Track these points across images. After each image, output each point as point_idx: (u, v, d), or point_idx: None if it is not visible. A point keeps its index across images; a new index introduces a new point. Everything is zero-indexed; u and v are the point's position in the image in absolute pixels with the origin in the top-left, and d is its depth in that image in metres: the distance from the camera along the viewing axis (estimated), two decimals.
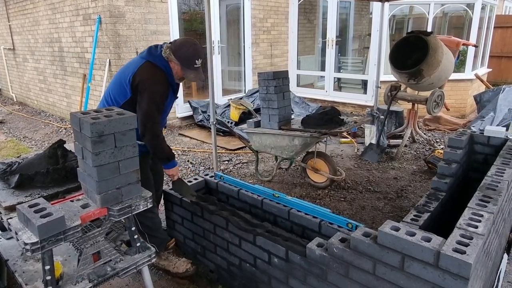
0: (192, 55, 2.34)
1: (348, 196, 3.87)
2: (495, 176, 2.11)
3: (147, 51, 2.39)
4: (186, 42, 2.38)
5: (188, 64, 2.35)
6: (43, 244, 1.56)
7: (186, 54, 2.33)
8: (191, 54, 2.34)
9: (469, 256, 1.34)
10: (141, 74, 2.28)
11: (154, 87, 2.28)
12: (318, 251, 1.80)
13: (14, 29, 8.63)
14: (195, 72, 2.40)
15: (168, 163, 2.46)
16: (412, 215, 2.06)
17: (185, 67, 2.36)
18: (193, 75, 2.40)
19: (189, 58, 2.33)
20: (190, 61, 2.34)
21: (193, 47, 2.36)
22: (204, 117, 6.45)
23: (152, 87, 2.27)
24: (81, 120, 1.74)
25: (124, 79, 2.33)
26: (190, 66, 2.36)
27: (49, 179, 2.11)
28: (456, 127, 6.12)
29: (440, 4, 6.99)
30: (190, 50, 2.34)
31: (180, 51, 2.33)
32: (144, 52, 2.40)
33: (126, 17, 5.66)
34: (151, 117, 2.27)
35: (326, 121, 3.77)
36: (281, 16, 8.24)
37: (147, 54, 2.37)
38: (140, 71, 2.29)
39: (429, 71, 4.45)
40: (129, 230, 1.98)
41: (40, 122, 7.44)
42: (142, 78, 2.27)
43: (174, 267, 2.60)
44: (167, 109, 2.52)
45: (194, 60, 2.35)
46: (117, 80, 2.39)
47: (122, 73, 2.39)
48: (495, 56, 10.19)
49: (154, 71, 2.32)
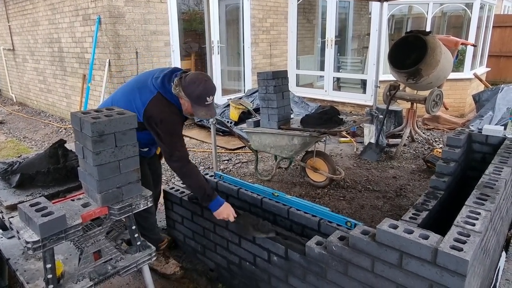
0: (203, 93, 2.21)
1: (347, 195, 3.88)
2: (493, 174, 2.13)
3: (161, 80, 2.28)
4: (196, 79, 2.22)
5: (199, 102, 2.23)
6: (45, 243, 1.57)
7: (197, 92, 2.20)
8: (201, 92, 2.20)
9: (466, 253, 1.36)
10: (154, 110, 2.22)
11: (170, 121, 2.24)
12: (317, 249, 1.82)
13: (14, 29, 8.63)
14: (206, 109, 2.26)
15: (210, 203, 2.28)
16: (410, 213, 2.07)
17: (195, 105, 2.24)
18: (204, 112, 2.27)
19: (200, 96, 2.21)
20: (200, 98, 2.22)
21: (204, 85, 2.22)
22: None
23: (168, 124, 2.23)
24: (82, 120, 1.75)
25: (135, 103, 2.27)
26: (201, 104, 2.24)
27: (50, 179, 2.12)
28: (455, 126, 6.14)
29: (439, 3, 7.00)
30: (200, 88, 2.20)
31: (190, 89, 2.20)
32: (158, 79, 2.29)
33: (125, 17, 5.67)
34: (176, 146, 2.24)
35: (325, 121, 3.78)
36: (280, 16, 8.25)
37: (161, 84, 2.27)
38: (153, 106, 2.22)
39: (427, 70, 4.46)
40: (130, 229, 1.99)
41: (40, 122, 7.45)
42: (156, 114, 2.21)
43: (162, 268, 2.60)
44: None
45: (205, 98, 2.22)
46: (127, 98, 2.32)
47: (133, 95, 2.31)
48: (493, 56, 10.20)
49: (166, 106, 2.25)
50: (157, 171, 2.86)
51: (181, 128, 2.37)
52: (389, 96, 5.13)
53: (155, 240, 2.65)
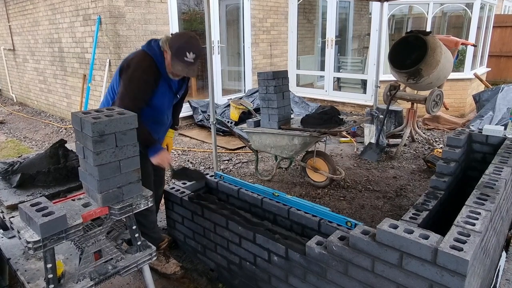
0: (184, 46, 2.18)
1: (347, 195, 3.88)
2: (493, 174, 2.13)
3: (147, 43, 2.35)
4: (183, 34, 2.29)
5: (177, 54, 2.19)
6: (45, 243, 1.58)
7: (178, 43, 2.19)
8: (182, 45, 2.18)
9: (466, 253, 1.36)
10: (130, 57, 2.28)
11: (135, 72, 2.20)
12: (317, 249, 1.82)
13: (14, 29, 8.64)
14: (184, 65, 2.21)
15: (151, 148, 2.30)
16: (411, 213, 2.07)
17: (174, 58, 2.20)
18: (180, 68, 2.22)
19: (180, 48, 2.18)
20: (180, 52, 2.18)
21: (188, 40, 2.22)
22: (204, 117, 6.46)
23: (133, 73, 2.20)
24: (82, 120, 1.75)
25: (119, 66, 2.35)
26: (180, 58, 2.19)
27: (51, 179, 2.13)
28: (455, 126, 6.14)
29: (439, 3, 7.00)
30: (183, 40, 2.20)
31: (173, 40, 2.22)
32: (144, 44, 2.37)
33: (126, 18, 5.67)
34: (123, 101, 2.18)
35: (326, 121, 3.78)
36: (280, 16, 8.26)
37: (146, 44, 2.34)
38: (131, 56, 2.29)
39: (428, 70, 4.46)
40: (130, 229, 1.99)
41: (40, 122, 7.45)
42: (130, 59, 2.26)
43: (162, 267, 2.60)
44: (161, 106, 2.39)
45: (184, 52, 2.18)
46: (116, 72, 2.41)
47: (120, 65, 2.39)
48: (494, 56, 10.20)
49: (142, 57, 2.25)
50: (160, 172, 2.85)
51: (148, 87, 2.26)
52: (390, 96, 5.13)
53: (155, 239, 2.65)
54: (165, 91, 2.38)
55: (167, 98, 2.43)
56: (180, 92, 2.58)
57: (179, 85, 2.51)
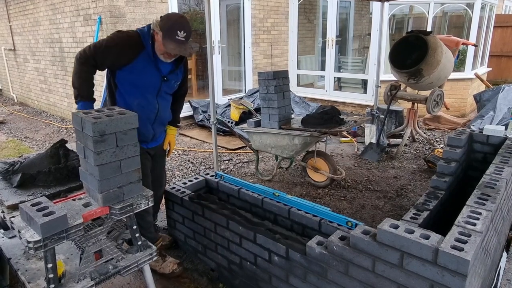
0: (174, 25, 2.22)
1: (348, 195, 3.88)
2: (494, 174, 2.13)
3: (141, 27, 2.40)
4: (173, 14, 2.33)
5: (169, 33, 2.22)
6: (46, 243, 1.58)
7: (169, 23, 2.23)
8: (173, 24, 2.23)
9: (467, 253, 1.36)
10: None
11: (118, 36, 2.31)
12: (318, 249, 1.82)
13: (15, 29, 8.64)
14: (176, 44, 2.23)
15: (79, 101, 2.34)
16: (411, 213, 2.07)
17: (166, 37, 2.22)
18: (173, 46, 2.23)
19: (171, 27, 2.22)
20: (171, 30, 2.21)
21: (178, 19, 2.27)
22: (205, 117, 6.46)
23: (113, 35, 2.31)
24: (83, 120, 1.75)
25: None
26: (171, 37, 2.22)
27: (51, 178, 2.13)
28: (456, 126, 6.14)
29: (440, 3, 7.00)
30: (173, 20, 2.25)
31: (163, 20, 2.26)
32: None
33: (126, 18, 5.67)
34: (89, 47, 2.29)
35: (326, 121, 3.78)
36: (281, 16, 8.25)
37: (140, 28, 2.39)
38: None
39: (428, 70, 4.46)
40: (131, 228, 1.99)
41: (41, 122, 7.46)
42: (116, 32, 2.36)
43: (160, 268, 2.59)
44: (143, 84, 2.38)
45: (175, 31, 2.21)
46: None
47: None
48: (494, 56, 10.19)
49: (133, 32, 2.34)
50: (161, 173, 2.84)
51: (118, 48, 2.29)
52: (390, 96, 5.12)
53: (150, 238, 2.63)
54: (146, 68, 2.36)
55: (149, 77, 2.39)
56: (172, 78, 2.50)
57: (171, 70, 2.47)
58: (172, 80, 2.52)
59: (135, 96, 2.39)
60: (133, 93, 2.38)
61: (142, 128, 2.37)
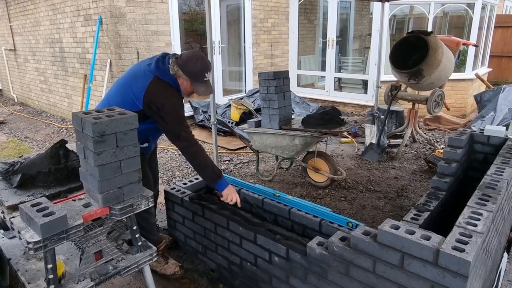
0: (201, 69, 2.28)
1: (348, 195, 3.88)
2: (495, 175, 2.12)
3: (155, 64, 2.30)
4: (193, 56, 2.30)
5: (197, 78, 2.30)
6: (46, 243, 1.57)
7: (195, 68, 2.27)
8: (200, 68, 2.28)
9: (468, 254, 1.35)
10: (155, 94, 2.23)
11: (172, 103, 2.26)
12: (318, 249, 1.81)
13: (15, 29, 8.65)
14: (205, 85, 2.35)
15: (218, 182, 2.37)
16: (412, 214, 2.07)
17: (194, 82, 2.30)
18: (203, 88, 2.35)
19: (199, 72, 2.28)
20: (199, 75, 2.29)
21: (201, 61, 2.29)
22: (205, 117, 6.46)
23: (171, 106, 2.25)
24: (83, 120, 1.75)
25: (132, 92, 2.26)
26: (200, 80, 2.31)
27: (51, 179, 2.12)
28: (457, 127, 6.13)
29: (441, 4, 7.00)
30: (199, 64, 2.27)
31: (188, 66, 2.26)
32: (151, 64, 2.31)
33: (126, 18, 5.67)
34: (181, 127, 2.29)
35: (327, 121, 3.78)
36: (281, 16, 8.25)
37: (155, 68, 2.28)
38: (152, 90, 2.23)
39: (429, 70, 4.46)
40: (131, 229, 1.99)
41: (41, 122, 7.46)
42: (157, 97, 2.22)
43: (161, 269, 2.60)
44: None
45: (203, 74, 2.30)
46: (122, 90, 2.33)
47: (127, 85, 2.32)
48: (495, 56, 10.19)
49: (166, 88, 2.28)
50: (154, 171, 2.85)
51: (183, 108, 2.39)
52: (391, 96, 5.12)
53: (154, 241, 2.63)
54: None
55: None
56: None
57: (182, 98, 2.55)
58: None
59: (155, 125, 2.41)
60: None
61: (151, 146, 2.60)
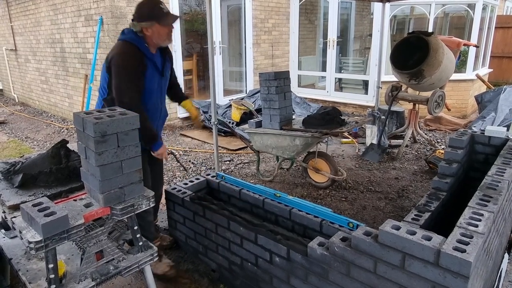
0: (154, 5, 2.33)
1: (349, 196, 3.88)
2: (496, 175, 2.12)
3: (120, 32, 2.40)
4: (140, 4, 2.37)
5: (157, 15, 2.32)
6: (47, 243, 1.57)
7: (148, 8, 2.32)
8: (152, 5, 2.32)
9: (469, 254, 1.35)
10: (112, 52, 2.32)
11: (123, 62, 2.27)
12: (319, 250, 1.81)
13: (16, 29, 8.66)
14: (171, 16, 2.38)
15: (155, 143, 2.43)
16: (413, 214, 2.07)
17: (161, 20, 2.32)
18: (171, 20, 2.37)
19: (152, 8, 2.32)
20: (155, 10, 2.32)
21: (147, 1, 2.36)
22: (206, 118, 6.46)
23: (121, 62, 2.27)
24: (84, 120, 1.75)
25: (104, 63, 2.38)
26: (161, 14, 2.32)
27: (52, 179, 2.13)
28: (457, 127, 6.13)
29: (441, 4, 7.00)
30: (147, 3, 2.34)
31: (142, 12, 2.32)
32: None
33: (127, 18, 5.67)
34: (124, 92, 2.26)
35: (327, 121, 3.78)
36: (282, 16, 8.26)
37: (120, 35, 2.39)
38: (114, 48, 2.35)
39: (430, 71, 4.46)
40: (132, 229, 1.99)
41: (42, 122, 7.47)
42: (113, 55, 2.30)
43: (153, 267, 2.59)
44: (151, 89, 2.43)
45: (158, 7, 2.33)
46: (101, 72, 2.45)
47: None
48: (496, 57, 10.19)
49: (124, 47, 2.32)
50: (159, 172, 2.85)
51: (138, 76, 2.31)
52: (391, 97, 5.12)
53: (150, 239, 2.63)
54: (153, 72, 2.42)
55: (155, 79, 2.46)
56: (166, 71, 2.58)
57: (162, 63, 2.52)
58: (166, 72, 2.60)
59: (147, 101, 2.43)
60: (146, 99, 2.42)
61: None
